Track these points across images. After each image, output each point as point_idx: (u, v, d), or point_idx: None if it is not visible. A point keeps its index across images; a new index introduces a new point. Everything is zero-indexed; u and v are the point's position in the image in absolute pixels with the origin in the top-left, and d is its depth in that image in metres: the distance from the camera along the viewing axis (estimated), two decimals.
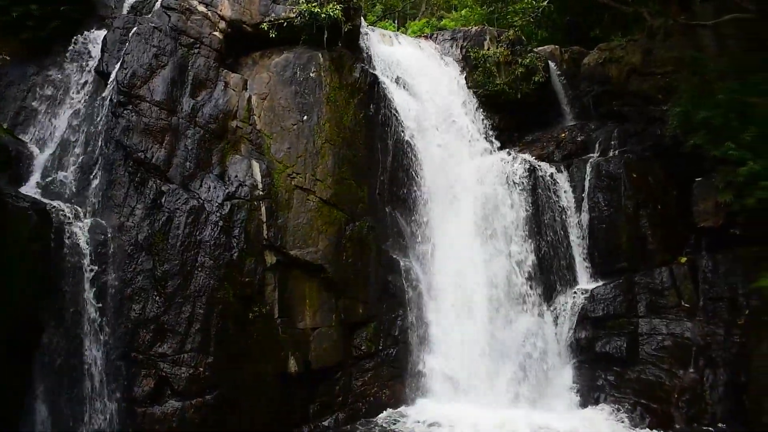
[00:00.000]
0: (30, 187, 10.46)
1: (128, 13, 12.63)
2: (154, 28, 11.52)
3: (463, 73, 15.89)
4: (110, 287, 9.63)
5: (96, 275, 9.51)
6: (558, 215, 13.14)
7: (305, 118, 11.92)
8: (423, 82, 14.68)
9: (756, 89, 11.58)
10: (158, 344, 9.67)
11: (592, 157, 13.86)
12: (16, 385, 8.59)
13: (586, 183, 13.22)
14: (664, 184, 12.90)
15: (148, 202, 10.33)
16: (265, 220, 11.06)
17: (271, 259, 11.07)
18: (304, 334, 11.08)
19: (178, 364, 9.65)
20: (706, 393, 10.81)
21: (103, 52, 11.75)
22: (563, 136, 15.07)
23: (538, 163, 13.84)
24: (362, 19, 14.64)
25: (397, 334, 11.87)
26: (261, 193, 11.16)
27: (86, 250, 9.50)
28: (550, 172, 13.56)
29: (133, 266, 9.88)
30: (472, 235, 13.00)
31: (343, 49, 13.00)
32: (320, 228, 11.41)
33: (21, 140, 11.23)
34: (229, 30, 12.37)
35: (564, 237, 13.01)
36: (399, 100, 13.50)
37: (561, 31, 20.87)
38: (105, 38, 11.89)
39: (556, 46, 18.01)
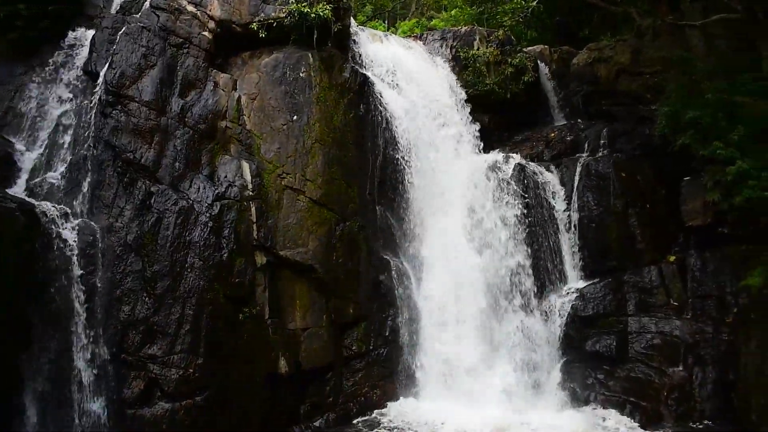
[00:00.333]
0: (18, 188, 10.41)
1: (117, 12, 12.52)
2: (143, 27, 11.47)
3: (453, 73, 15.90)
4: (99, 288, 9.57)
5: (85, 276, 9.46)
6: (548, 214, 13.19)
7: (295, 118, 11.90)
8: (413, 82, 14.67)
9: (744, 89, 11.70)
10: (148, 345, 9.63)
11: (581, 156, 13.94)
12: (7, 387, 8.52)
13: (576, 182, 13.27)
14: (653, 183, 12.97)
15: (137, 203, 10.28)
16: (255, 220, 11.04)
17: (261, 259, 11.04)
18: (295, 335, 11.07)
19: (168, 366, 9.60)
20: (695, 391, 10.88)
21: (91, 51, 11.67)
22: (553, 135, 15.13)
23: (528, 162, 13.90)
24: (352, 19, 14.65)
25: (387, 334, 11.90)
26: (251, 193, 11.13)
27: (75, 251, 9.45)
28: (539, 172, 13.60)
29: (123, 267, 9.83)
30: (462, 235, 13.02)
31: (333, 49, 13.00)
32: (310, 228, 11.40)
33: (9, 141, 11.12)
34: (219, 30, 12.32)
35: (554, 236, 13.06)
36: (389, 99, 13.50)
37: (550, 31, 20.97)
38: (93, 38, 11.80)
39: (546, 46, 18.09)
